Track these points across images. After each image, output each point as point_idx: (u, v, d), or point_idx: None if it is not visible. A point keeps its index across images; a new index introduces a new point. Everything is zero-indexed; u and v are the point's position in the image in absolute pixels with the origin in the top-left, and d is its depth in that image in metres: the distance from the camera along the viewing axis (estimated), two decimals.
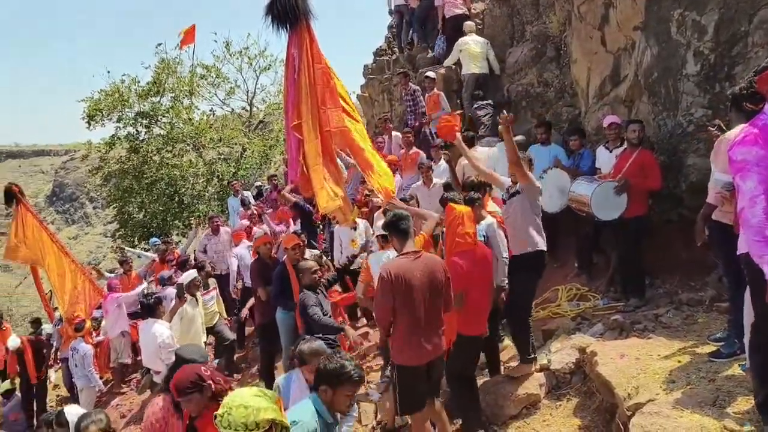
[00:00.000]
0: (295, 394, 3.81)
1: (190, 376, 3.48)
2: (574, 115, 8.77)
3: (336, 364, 3.33)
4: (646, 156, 6.12)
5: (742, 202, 2.99)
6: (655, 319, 5.66)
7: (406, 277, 4.23)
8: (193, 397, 3.44)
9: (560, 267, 8.15)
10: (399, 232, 4.47)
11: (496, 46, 10.79)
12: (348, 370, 3.31)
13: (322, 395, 3.32)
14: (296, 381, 3.87)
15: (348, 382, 3.30)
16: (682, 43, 6.05)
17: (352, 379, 3.31)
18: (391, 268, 4.27)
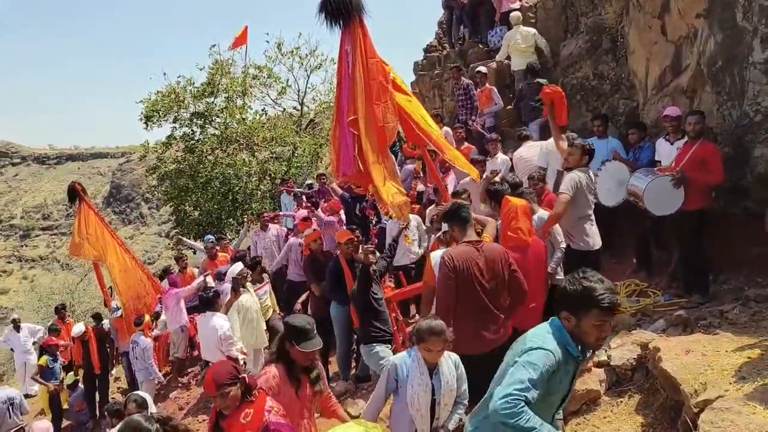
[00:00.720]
0: (413, 374, 3.83)
1: (229, 369, 3.52)
2: (631, 108, 8.56)
3: (580, 286, 2.73)
4: (709, 148, 5.93)
5: None
6: (721, 316, 5.48)
7: (468, 264, 4.25)
8: (231, 389, 3.42)
9: (618, 262, 7.99)
10: (460, 220, 4.51)
11: (549, 39, 10.66)
12: (598, 293, 2.68)
13: (565, 323, 2.81)
14: (415, 360, 3.88)
15: (597, 308, 2.68)
16: (749, 30, 5.82)
17: (601, 305, 2.67)
18: (454, 255, 4.29)
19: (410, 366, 3.86)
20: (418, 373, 3.82)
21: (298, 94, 22.73)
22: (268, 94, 21.90)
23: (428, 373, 3.84)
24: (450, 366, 3.92)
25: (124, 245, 11.13)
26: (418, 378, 3.81)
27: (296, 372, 3.94)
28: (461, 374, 3.97)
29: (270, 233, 10.76)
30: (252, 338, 7.77)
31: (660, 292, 6.75)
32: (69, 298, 31.73)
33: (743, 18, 5.87)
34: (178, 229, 19.81)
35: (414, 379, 3.82)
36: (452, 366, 3.94)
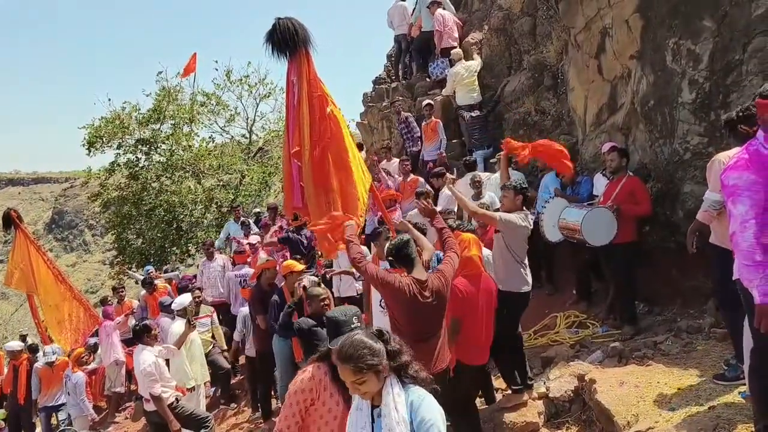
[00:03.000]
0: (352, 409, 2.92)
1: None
2: (571, 143, 8.80)
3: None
4: (635, 182, 6.20)
5: (734, 226, 3.01)
6: (654, 347, 5.62)
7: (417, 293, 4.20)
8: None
9: (559, 294, 8.15)
10: (405, 258, 4.41)
11: (494, 75, 10.93)
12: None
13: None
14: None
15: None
16: (678, 72, 6.11)
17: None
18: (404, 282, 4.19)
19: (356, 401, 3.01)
20: (356, 408, 2.88)
21: (246, 122, 22.66)
22: (216, 122, 21.78)
23: (369, 412, 2.77)
24: (401, 409, 2.64)
25: (61, 275, 10.73)
26: (354, 414, 2.86)
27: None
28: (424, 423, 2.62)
29: (216, 263, 10.58)
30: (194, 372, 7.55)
31: (598, 324, 6.90)
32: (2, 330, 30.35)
33: (672, 60, 6.17)
34: (120, 257, 19.29)
35: (352, 414, 2.90)
36: (405, 409, 2.65)
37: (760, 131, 3.10)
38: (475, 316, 4.87)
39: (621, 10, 6.77)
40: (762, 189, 3.00)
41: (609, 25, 7.03)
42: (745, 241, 2.97)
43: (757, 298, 2.92)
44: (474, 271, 4.96)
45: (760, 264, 2.95)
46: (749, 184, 2.99)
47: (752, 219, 2.97)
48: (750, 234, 2.96)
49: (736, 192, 3.02)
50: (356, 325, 2.94)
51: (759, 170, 2.98)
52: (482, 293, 4.94)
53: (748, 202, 2.98)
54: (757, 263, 2.94)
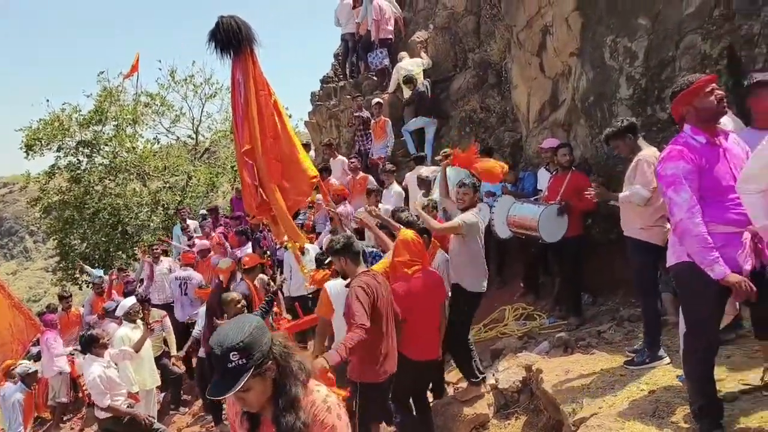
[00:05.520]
0: None
1: None
2: (516, 139, 8.99)
3: None
4: (580, 178, 6.35)
5: (680, 214, 3.10)
6: (598, 336, 5.79)
7: (377, 293, 4.26)
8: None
9: (508, 287, 8.30)
10: (353, 254, 4.47)
11: (440, 73, 11.05)
12: None
13: None
14: None
15: None
16: (615, 69, 6.30)
17: None
18: (365, 283, 4.25)
19: None
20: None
21: (192, 122, 22.27)
22: (160, 123, 21.33)
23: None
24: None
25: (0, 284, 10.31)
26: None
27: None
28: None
29: (162, 266, 10.37)
30: (143, 378, 7.38)
31: (545, 315, 7.07)
32: None
33: (610, 57, 6.36)
34: (63, 264, 18.71)
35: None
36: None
37: (686, 125, 3.23)
38: (417, 313, 4.87)
39: (561, 8, 6.93)
40: (697, 178, 3.13)
41: (549, 23, 7.20)
42: (695, 226, 3.07)
43: (723, 272, 3.02)
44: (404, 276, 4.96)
45: (713, 245, 3.07)
46: (686, 172, 3.12)
47: (697, 204, 3.09)
48: (698, 219, 3.07)
49: (677, 181, 3.13)
50: (234, 363, 2.16)
51: (692, 160, 3.11)
52: (424, 291, 4.94)
53: (689, 189, 3.10)
54: (710, 245, 3.05)
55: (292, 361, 2.29)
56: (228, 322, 2.37)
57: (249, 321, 2.27)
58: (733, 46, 5.37)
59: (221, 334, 2.22)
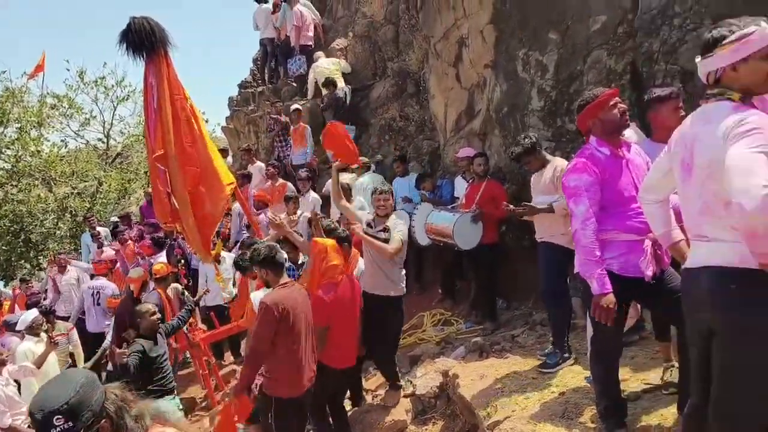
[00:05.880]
0: None
1: None
2: (434, 148, 9.15)
3: None
4: (495, 186, 6.53)
5: (576, 224, 3.26)
6: (512, 340, 5.95)
7: (292, 307, 4.21)
8: None
9: (426, 293, 8.41)
10: (275, 265, 4.42)
11: (359, 81, 11.09)
12: None
13: None
14: None
15: None
16: (528, 81, 6.53)
17: None
18: (276, 299, 4.19)
19: None
20: None
21: (103, 126, 21.36)
22: (68, 125, 20.34)
23: None
24: None
25: None
26: None
27: None
28: None
29: (69, 275, 9.87)
30: None
31: (462, 320, 7.21)
32: None
33: (523, 70, 6.58)
34: None
35: None
36: None
37: (592, 136, 3.38)
38: (340, 321, 4.91)
39: (476, 21, 7.12)
40: (599, 189, 3.28)
41: (465, 35, 7.37)
42: (586, 238, 3.23)
43: (596, 289, 3.18)
44: (335, 279, 4.98)
45: (599, 259, 3.22)
46: (588, 185, 3.26)
47: (592, 217, 3.23)
48: (590, 231, 3.23)
49: (578, 193, 3.27)
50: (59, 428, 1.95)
51: (595, 172, 3.26)
52: (346, 298, 4.97)
53: (588, 201, 3.24)
54: (597, 258, 3.21)
55: (128, 416, 2.08)
56: (51, 380, 2.11)
57: (75, 378, 2.02)
58: (635, 62, 5.67)
59: (41, 395, 1.98)
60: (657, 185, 2.86)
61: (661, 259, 3.26)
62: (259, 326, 4.20)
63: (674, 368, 3.76)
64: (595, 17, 5.88)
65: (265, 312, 4.16)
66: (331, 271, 4.95)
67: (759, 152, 2.14)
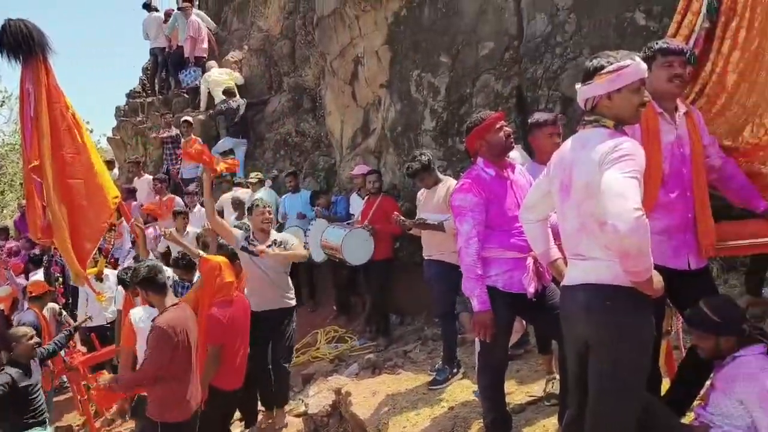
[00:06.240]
0: None
1: None
2: (330, 164, 9.15)
3: None
4: (389, 203, 6.62)
5: (460, 242, 3.36)
6: (405, 356, 6.02)
7: (184, 329, 4.02)
8: None
9: (321, 310, 8.36)
10: (157, 285, 4.19)
11: (254, 95, 10.95)
12: None
13: None
14: None
15: None
16: (421, 101, 6.69)
17: None
18: (171, 322, 3.98)
19: None
20: None
21: None
22: None
23: None
24: None
25: None
26: None
27: None
28: None
29: None
30: None
31: (356, 337, 7.21)
32: None
33: (416, 91, 6.74)
34: None
35: None
36: None
37: (479, 158, 3.50)
38: (232, 340, 4.79)
39: (371, 41, 7.22)
40: (484, 209, 3.39)
41: (361, 54, 7.45)
42: (468, 256, 3.33)
43: (476, 306, 3.28)
44: (229, 297, 4.86)
45: (480, 277, 3.33)
46: (473, 204, 3.36)
47: (475, 237, 3.34)
48: (473, 250, 3.33)
49: (463, 212, 3.37)
50: None
51: (480, 192, 3.37)
52: (240, 317, 4.87)
53: (472, 221, 3.34)
54: (477, 276, 3.32)
55: None
56: None
57: None
58: (521, 86, 5.97)
59: None
60: (537, 206, 3.00)
61: (543, 276, 3.41)
62: (156, 351, 3.96)
63: (555, 380, 3.94)
64: (483, 43, 6.14)
65: (161, 336, 3.93)
66: (226, 289, 4.83)
67: (631, 177, 2.30)
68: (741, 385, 2.63)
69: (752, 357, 2.69)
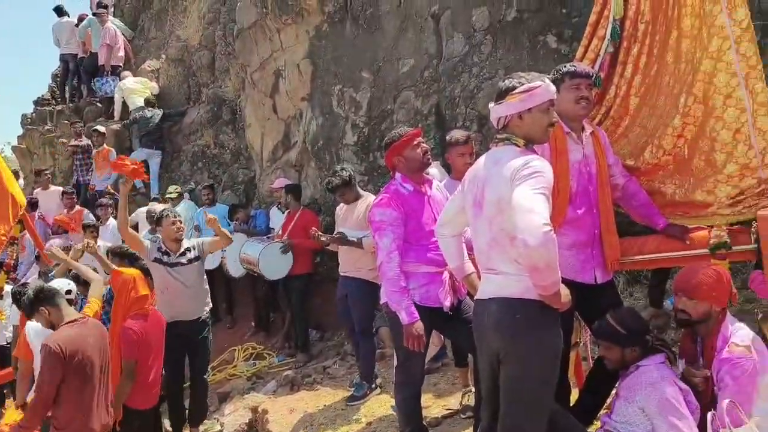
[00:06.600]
0: None
1: None
2: (250, 177, 9.02)
3: None
4: (309, 217, 6.58)
5: (381, 257, 3.37)
6: (324, 371, 5.97)
7: (80, 346, 3.79)
8: None
9: (239, 326, 8.17)
10: (51, 302, 3.96)
11: (171, 105, 10.67)
12: None
13: None
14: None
15: None
16: (342, 116, 6.72)
17: None
18: (61, 342, 3.76)
19: None
20: None
21: None
22: None
23: None
24: None
25: None
26: None
27: None
28: None
29: None
30: None
31: (275, 353, 7.09)
32: None
33: (338, 105, 6.76)
34: None
35: None
36: None
37: (397, 173, 3.54)
38: (146, 356, 4.60)
39: (292, 54, 7.20)
40: (402, 224, 3.42)
41: (282, 67, 7.41)
42: (391, 270, 3.34)
43: (405, 319, 3.29)
44: (144, 310, 4.69)
45: (404, 289, 3.34)
46: (392, 219, 3.38)
47: (396, 251, 3.36)
48: (395, 264, 3.35)
49: (382, 227, 3.39)
50: None
51: (399, 207, 3.40)
52: (156, 331, 4.70)
53: (392, 235, 3.36)
54: (402, 288, 3.33)
55: None
56: None
57: None
58: (440, 104, 6.09)
59: None
60: (451, 221, 3.05)
61: (459, 290, 3.47)
62: (44, 371, 3.75)
63: (471, 393, 4.00)
64: (404, 60, 6.24)
65: (48, 355, 3.72)
66: (141, 302, 4.64)
67: (540, 193, 2.38)
68: (642, 393, 2.75)
69: (653, 366, 2.82)
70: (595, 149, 3.13)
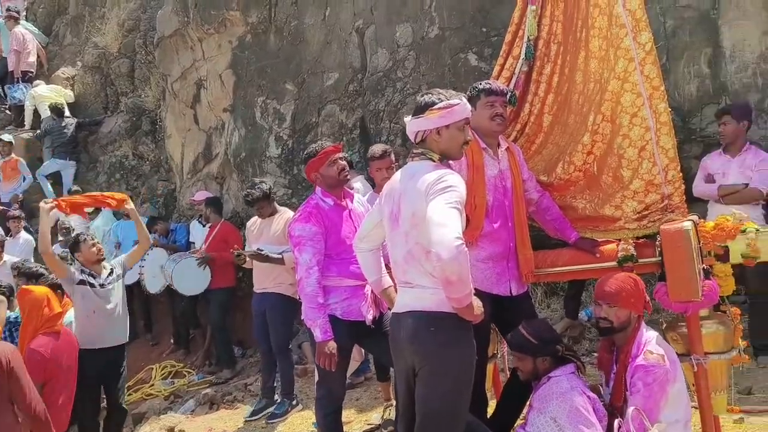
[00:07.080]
0: None
1: None
2: (170, 190, 8.77)
3: None
4: (230, 230, 6.46)
5: (300, 272, 3.32)
6: (245, 388, 5.82)
7: None
8: None
9: (156, 345, 7.89)
10: None
11: (88, 114, 10.28)
12: None
13: None
14: None
15: None
16: (266, 128, 6.64)
17: None
18: None
19: None
20: None
21: None
22: None
23: None
24: None
25: None
26: None
27: None
28: None
29: None
30: None
31: (195, 371, 6.87)
32: None
33: (261, 117, 6.69)
34: None
35: None
36: None
37: (317, 187, 3.51)
38: (56, 378, 4.36)
39: (215, 65, 7.08)
40: (323, 239, 3.38)
41: (204, 77, 7.27)
42: (309, 285, 3.29)
43: (318, 336, 3.25)
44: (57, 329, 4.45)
45: (321, 306, 3.30)
46: (312, 234, 3.34)
47: (315, 266, 3.32)
48: (313, 280, 3.30)
49: (302, 242, 3.34)
50: None
51: (319, 222, 3.36)
52: (65, 352, 4.46)
53: (311, 250, 3.32)
54: (319, 305, 3.29)
55: None
56: None
57: None
58: (364, 118, 6.11)
59: None
60: (369, 235, 3.05)
61: (381, 304, 3.46)
62: None
63: (393, 407, 3.98)
64: (328, 73, 6.24)
65: None
66: (54, 320, 4.41)
67: (453, 207, 2.41)
68: (553, 403, 2.82)
69: (564, 376, 2.89)
70: (511, 165, 3.20)
